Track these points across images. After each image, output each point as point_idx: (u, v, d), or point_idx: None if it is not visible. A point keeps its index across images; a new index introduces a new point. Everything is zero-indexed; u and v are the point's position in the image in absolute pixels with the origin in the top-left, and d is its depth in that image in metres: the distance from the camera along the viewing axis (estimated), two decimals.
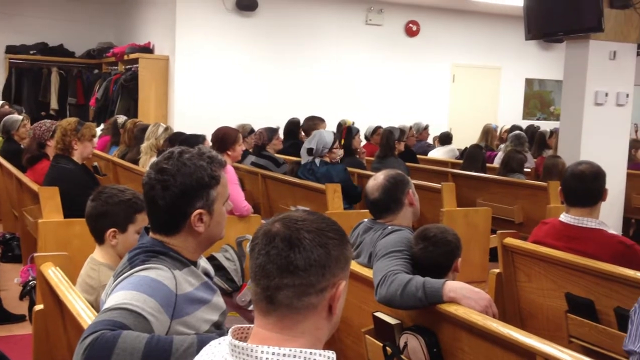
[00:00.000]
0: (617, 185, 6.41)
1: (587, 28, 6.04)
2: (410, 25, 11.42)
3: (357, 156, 6.82)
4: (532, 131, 9.16)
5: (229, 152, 4.82)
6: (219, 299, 1.93)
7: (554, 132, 8.24)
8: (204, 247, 1.94)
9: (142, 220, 2.44)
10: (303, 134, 7.57)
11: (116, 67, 10.99)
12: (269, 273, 1.25)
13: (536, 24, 6.54)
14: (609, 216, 6.02)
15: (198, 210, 1.85)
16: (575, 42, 6.38)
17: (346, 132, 6.83)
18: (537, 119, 12.70)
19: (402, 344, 2.35)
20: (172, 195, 1.83)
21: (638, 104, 12.41)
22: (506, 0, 10.10)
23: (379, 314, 2.51)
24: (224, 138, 4.84)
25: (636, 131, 12.06)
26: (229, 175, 4.48)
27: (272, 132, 6.54)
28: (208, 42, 10.05)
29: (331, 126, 7.98)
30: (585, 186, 2.99)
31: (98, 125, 8.44)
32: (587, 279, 2.80)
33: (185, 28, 9.87)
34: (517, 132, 8.10)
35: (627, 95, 6.45)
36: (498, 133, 9.48)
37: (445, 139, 8.96)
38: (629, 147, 6.91)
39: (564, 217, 3.05)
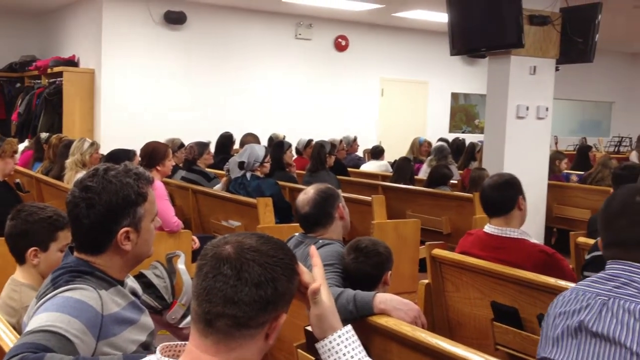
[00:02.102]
0: (539, 196, 6.67)
1: (508, 44, 6.27)
2: (340, 40, 11.57)
3: (288, 170, 6.84)
4: (457, 144, 9.41)
5: (159, 167, 4.76)
6: (147, 319, 1.90)
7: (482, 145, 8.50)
8: (131, 266, 1.91)
9: (65, 237, 2.37)
10: (235, 147, 7.54)
11: (39, 81, 10.66)
12: (212, 299, 1.24)
13: (460, 40, 6.74)
14: (532, 226, 6.24)
15: (125, 229, 1.81)
16: (497, 58, 6.61)
17: (277, 146, 6.84)
18: (463, 132, 13.06)
19: None
20: (97, 213, 1.79)
21: (557, 117, 12.97)
22: (432, 16, 10.37)
23: (310, 328, 2.51)
24: (153, 153, 4.78)
25: (556, 143, 12.57)
26: (158, 190, 4.42)
27: (202, 146, 6.48)
28: (135, 56, 9.89)
29: (262, 140, 7.99)
30: (495, 196, 3.10)
31: (21, 141, 8.15)
32: (512, 287, 2.88)
33: (111, 41, 9.69)
34: (440, 144, 8.30)
35: (547, 109, 6.72)
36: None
37: (376, 152, 9.09)
38: (551, 158, 7.18)
39: (487, 228, 3.14)
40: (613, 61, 14.60)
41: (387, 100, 12.18)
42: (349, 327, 1.63)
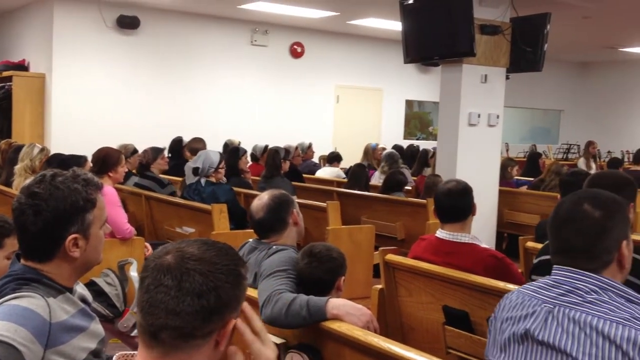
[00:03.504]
0: (490, 202, 6.79)
1: (460, 52, 6.38)
2: (295, 46, 11.60)
3: (243, 176, 6.82)
4: (412, 150, 9.52)
5: (111, 174, 4.71)
6: (97, 326, 1.87)
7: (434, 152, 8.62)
8: (80, 273, 1.88)
9: (12, 245, 2.32)
10: (189, 153, 7.47)
11: None
12: (154, 311, 1.23)
13: (414, 49, 6.83)
14: (483, 231, 6.36)
15: (73, 235, 1.78)
16: (450, 66, 6.72)
17: (232, 152, 6.81)
18: (417, 139, 13.23)
19: None
20: (44, 220, 1.75)
21: (508, 125, 13.24)
22: (386, 25, 10.48)
23: None
24: (105, 159, 4.72)
25: (507, 150, 12.83)
26: (110, 197, 4.37)
27: (157, 151, 6.41)
28: (88, 60, 9.72)
29: (218, 146, 7.95)
30: (454, 203, 3.13)
31: None
32: (462, 291, 2.93)
33: (62, 45, 9.51)
34: (390, 151, 8.39)
35: (498, 117, 6.86)
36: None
37: (331, 158, 9.13)
38: (502, 165, 7.33)
39: (439, 233, 3.19)
40: (562, 70, 15.01)
41: (342, 107, 12.25)
42: None
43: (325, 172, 8.82)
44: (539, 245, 3.28)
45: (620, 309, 1.65)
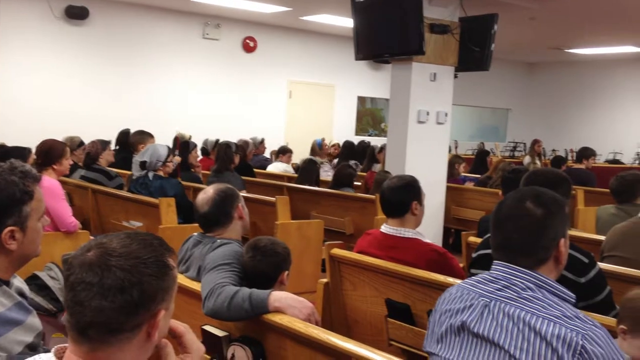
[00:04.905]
0: (438, 198, 6.91)
1: (410, 51, 6.46)
2: (248, 41, 11.56)
3: (193, 170, 6.78)
4: (363, 146, 9.59)
5: (55, 166, 4.62)
6: (34, 320, 1.85)
7: (383, 147, 8.71)
8: (17, 266, 1.86)
9: None
10: (141, 146, 7.37)
11: None
12: (80, 309, 1.23)
13: (365, 46, 6.89)
14: (431, 226, 6.48)
15: (9, 228, 1.77)
16: (400, 64, 6.80)
17: (182, 146, 6.76)
18: (370, 135, 13.34)
19: (229, 356, 2.38)
20: None
21: (457, 123, 13.47)
22: (338, 21, 10.54)
23: (207, 327, 2.53)
24: (50, 151, 4.63)
25: (456, 147, 13.05)
26: (54, 189, 4.29)
27: (104, 143, 6.32)
28: (34, 51, 9.51)
29: (167, 140, 7.87)
30: (397, 198, 3.19)
31: None
32: (405, 285, 2.99)
33: (8, 35, 9.28)
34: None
35: (446, 114, 6.97)
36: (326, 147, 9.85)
37: (280, 151, 9.14)
38: (450, 162, 7.45)
39: (384, 228, 3.24)
40: (510, 70, 15.33)
41: (294, 102, 12.27)
42: None
43: (276, 167, 8.83)
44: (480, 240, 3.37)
45: (553, 307, 1.71)
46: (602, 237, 3.68)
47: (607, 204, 4.60)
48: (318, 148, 9.27)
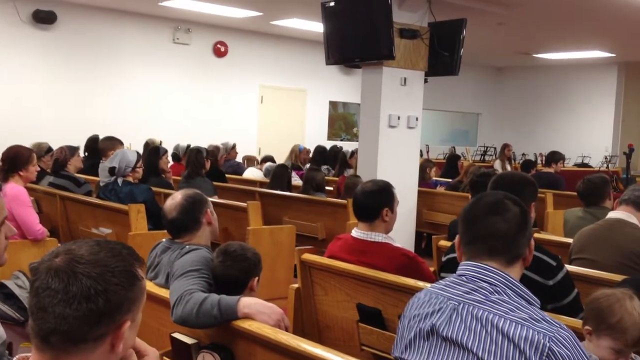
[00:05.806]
0: (409, 202, 6.95)
1: (380, 55, 6.50)
2: (219, 45, 11.51)
3: (164, 176, 6.72)
4: (334, 151, 9.62)
5: (22, 173, 4.56)
6: None
7: (354, 152, 8.73)
8: None
9: None
10: (110, 152, 7.28)
11: None
12: (43, 316, 1.21)
13: (335, 50, 6.91)
14: (403, 231, 6.50)
15: None
16: (370, 68, 6.83)
17: (153, 152, 6.70)
18: (342, 140, 13.36)
19: None
20: None
21: (429, 127, 13.57)
22: (309, 26, 10.54)
23: (176, 335, 2.50)
24: (16, 157, 4.57)
25: (427, 152, 13.14)
26: (20, 196, 4.23)
27: (73, 150, 6.23)
28: (0, 56, 9.35)
29: (137, 146, 7.80)
30: (368, 202, 3.19)
31: None
32: (375, 289, 2.99)
33: None
34: None
35: (417, 119, 7.02)
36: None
37: (264, 161, 9.21)
38: (421, 166, 7.49)
39: (354, 232, 3.24)
40: (479, 75, 15.49)
41: (266, 107, 12.25)
42: None
43: (252, 173, 8.81)
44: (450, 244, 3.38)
45: (520, 310, 1.72)
46: (570, 240, 3.73)
47: (575, 207, 4.66)
48: (299, 153, 9.28)
